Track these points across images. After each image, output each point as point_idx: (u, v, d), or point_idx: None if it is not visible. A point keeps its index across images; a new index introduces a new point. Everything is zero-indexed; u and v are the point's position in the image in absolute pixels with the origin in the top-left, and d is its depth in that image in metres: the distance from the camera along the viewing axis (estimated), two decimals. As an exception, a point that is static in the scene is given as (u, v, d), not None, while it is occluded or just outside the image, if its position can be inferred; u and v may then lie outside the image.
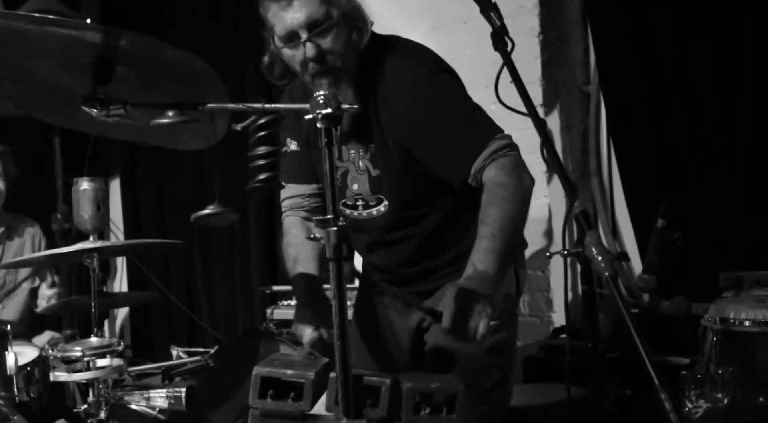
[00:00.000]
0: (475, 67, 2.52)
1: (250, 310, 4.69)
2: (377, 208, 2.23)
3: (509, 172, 2.00)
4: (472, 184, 2.05)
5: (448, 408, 1.67)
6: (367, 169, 2.20)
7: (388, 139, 2.13)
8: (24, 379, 2.98)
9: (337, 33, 2.03)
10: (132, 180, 5.32)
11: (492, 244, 1.90)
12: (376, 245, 2.31)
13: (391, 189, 2.20)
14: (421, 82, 2.09)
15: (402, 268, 2.31)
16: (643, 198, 3.50)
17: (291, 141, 2.30)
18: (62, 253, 3.05)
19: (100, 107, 1.79)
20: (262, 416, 1.72)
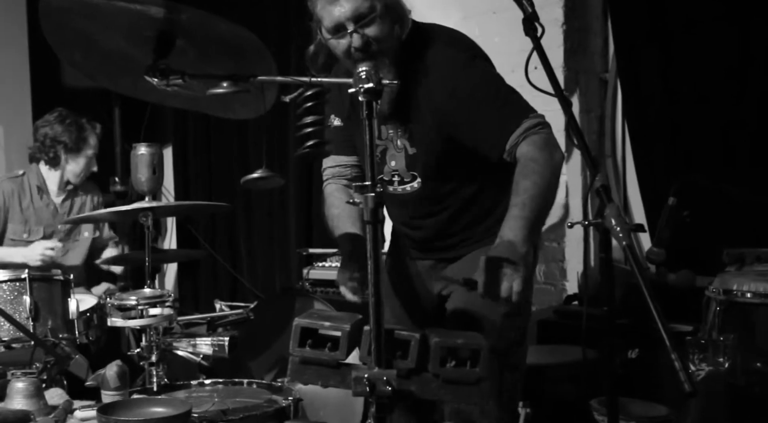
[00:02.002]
0: (503, 53, 2.49)
1: (287, 269, 4.72)
2: (411, 185, 2.23)
3: (541, 147, 2.00)
4: (507, 158, 2.05)
5: (472, 362, 1.67)
6: (404, 148, 2.19)
7: (426, 120, 2.13)
8: (84, 324, 3.04)
9: (380, 23, 2.02)
10: (183, 147, 5.34)
11: (522, 213, 1.91)
12: (410, 217, 2.31)
13: (425, 166, 2.19)
14: (460, 65, 2.09)
15: (433, 238, 2.31)
16: (654, 177, 3.47)
17: (335, 117, 2.30)
18: (121, 211, 3.09)
19: (160, 77, 1.81)
20: (300, 363, 1.73)
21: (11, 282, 2.87)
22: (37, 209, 3.74)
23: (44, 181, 3.77)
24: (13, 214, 3.69)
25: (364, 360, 1.68)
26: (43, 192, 3.76)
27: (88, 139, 3.77)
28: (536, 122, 2.04)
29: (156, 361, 2.73)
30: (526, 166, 1.98)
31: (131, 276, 4.25)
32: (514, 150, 2.03)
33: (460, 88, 2.07)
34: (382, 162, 2.23)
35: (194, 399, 2.53)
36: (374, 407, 1.60)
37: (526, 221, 1.90)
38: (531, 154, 1.99)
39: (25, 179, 3.76)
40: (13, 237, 3.67)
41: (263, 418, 2.32)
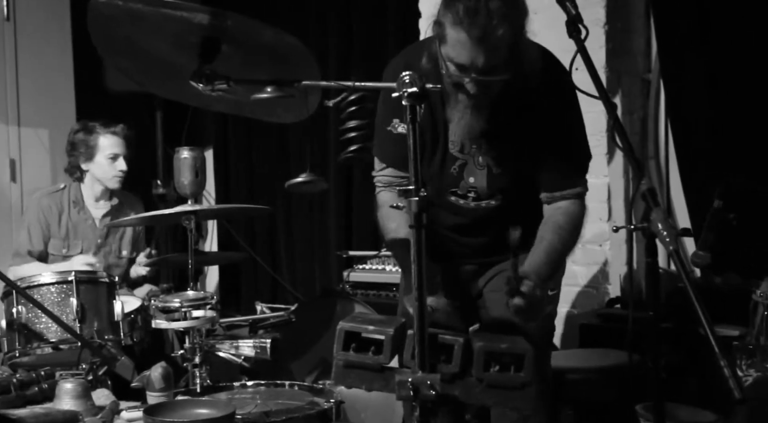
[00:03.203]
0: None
1: (327, 272, 4.73)
2: (488, 202, 2.24)
3: (577, 219, 2.21)
4: (543, 199, 2.21)
5: (516, 366, 1.67)
6: (487, 166, 2.18)
7: (516, 142, 2.14)
8: (128, 325, 3.07)
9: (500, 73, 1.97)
10: (224, 150, 5.37)
11: (546, 259, 2.12)
12: (467, 228, 2.31)
13: (509, 188, 2.21)
14: (566, 94, 2.13)
15: (485, 245, 2.32)
16: (698, 179, 3.42)
17: (399, 123, 2.18)
18: (164, 214, 3.13)
19: (206, 82, 1.83)
20: (344, 367, 1.74)
21: (58, 284, 2.92)
22: (75, 224, 3.75)
23: (81, 195, 3.81)
24: (53, 230, 3.71)
25: (408, 364, 1.69)
26: (79, 206, 3.79)
27: (98, 140, 3.75)
28: (586, 189, 2.24)
29: (199, 363, 2.77)
30: (561, 224, 2.17)
31: (173, 277, 4.31)
32: (558, 200, 2.20)
33: (557, 118, 2.13)
34: (459, 176, 2.21)
35: (237, 400, 2.55)
36: (418, 411, 1.61)
37: (548, 267, 2.10)
38: (570, 218, 2.19)
39: (64, 193, 3.80)
40: (53, 252, 3.71)
41: (306, 420, 2.34)
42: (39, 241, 3.69)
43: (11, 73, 5.01)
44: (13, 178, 5.04)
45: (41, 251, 3.70)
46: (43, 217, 3.71)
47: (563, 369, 2.78)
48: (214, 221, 5.33)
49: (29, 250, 3.68)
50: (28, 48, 5.06)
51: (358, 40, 4.51)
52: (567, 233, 2.17)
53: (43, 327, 2.84)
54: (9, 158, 5.03)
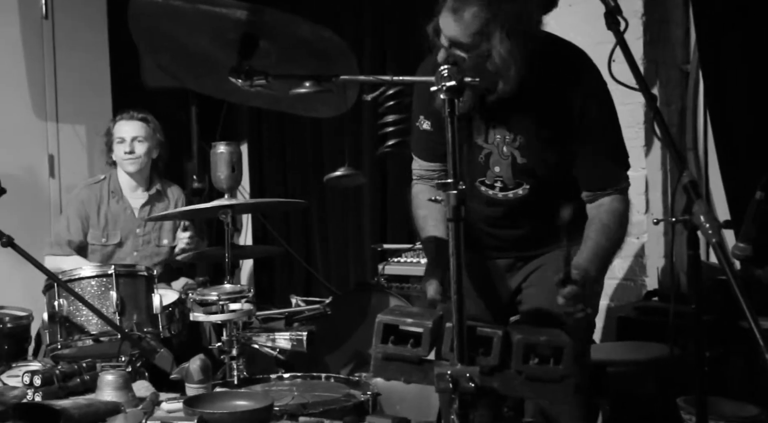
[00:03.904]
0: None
1: (361, 265, 4.74)
2: (515, 191, 2.25)
3: (622, 215, 2.20)
4: (585, 198, 2.21)
5: (555, 359, 1.67)
6: (512, 155, 2.20)
7: (543, 134, 2.15)
8: (166, 318, 3.11)
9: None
10: (258, 145, 5.40)
11: (596, 255, 2.13)
12: (500, 220, 2.32)
13: (535, 177, 2.21)
14: (598, 92, 2.13)
15: (520, 239, 2.34)
16: (738, 171, 3.38)
17: (424, 120, 2.28)
18: (201, 208, 3.17)
19: (244, 78, 1.85)
20: (383, 359, 1.75)
21: (98, 278, 2.97)
22: (113, 214, 3.81)
23: (119, 185, 3.87)
24: (92, 220, 3.78)
25: (447, 356, 1.70)
26: (118, 196, 3.85)
27: (113, 128, 3.84)
28: (628, 184, 2.24)
29: (236, 355, 2.80)
30: (606, 221, 2.17)
31: (208, 271, 4.36)
32: (600, 197, 2.19)
33: (591, 116, 2.12)
34: (485, 166, 2.23)
35: (274, 393, 2.58)
36: (457, 403, 1.62)
37: (596, 265, 2.11)
38: (615, 215, 2.18)
39: (103, 184, 3.86)
40: (93, 242, 3.77)
41: (343, 412, 2.35)
42: (78, 232, 3.76)
43: (50, 70, 5.09)
44: (51, 174, 5.12)
45: (80, 241, 3.76)
46: (83, 209, 3.77)
47: (601, 362, 2.78)
48: (248, 215, 5.37)
49: (68, 240, 3.75)
50: (65, 45, 5.14)
51: (391, 35, 4.52)
52: (613, 231, 2.17)
53: (84, 319, 2.89)
54: (48, 154, 5.11)
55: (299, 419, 2.19)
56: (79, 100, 5.18)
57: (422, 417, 2.77)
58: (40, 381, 2.38)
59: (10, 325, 3.19)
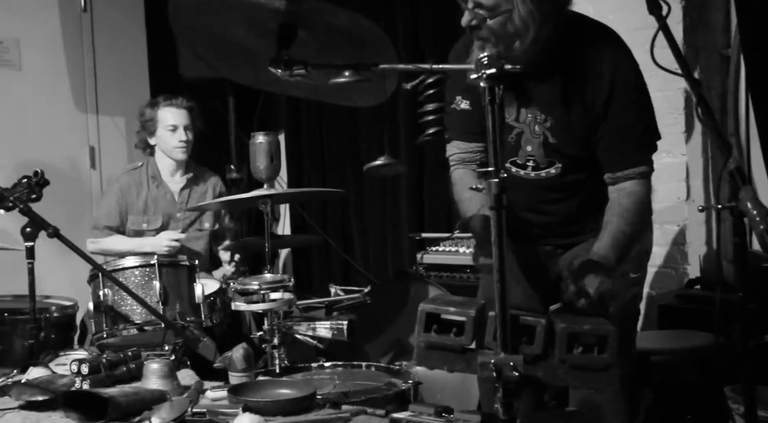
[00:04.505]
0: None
1: (399, 254, 4.74)
2: (547, 170, 2.23)
3: (643, 200, 2.17)
4: (607, 179, 2.17)
5: (599, 348, 1.66)
6: (543, 134, 2.19)
7: (573, 113, 2.13)
8: (208, 307, 3.14)
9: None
10: (295, 134, 5.42)
11: (613, 241, 2.10)
12: (536, 202, 2.31)
13: (564, 156, 2.20)
14: (627, 71, 2.11)
15: (557, 224, 2.32)
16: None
17: (462, 100, 2.27)
18: (241, 198, 3.20)
19: (284, 68, 1.85)
20: (426, 348, 1.75)
21: (142, 268, 3.01)
22: (154, 199, 3.87)
23: (158, 170, 3.92)
24: (131, 206, 3.84)
25: (490, 345, 1.69)
26: (158, 181, 3.90)
27: (158, 113, 3.86)
28: (651, 169, 2.19)
29: (278, 344, 2.82)
30: (627, 205, 2.14)
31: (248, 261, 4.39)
32: (621, 181, 2.16)
33: (618, 95, 2.09)
34: (517, 146, 2.22)
35: (315, 381, 2.60)
36: (501, 392, 1.61)
37: (615, 251, 2.08)
38: (636, 198, 2.15)
39: (142, 170, 3.91)
40: (133, 227, 3.83)
41: (384, 400, 2.36)
42: (116, 218, 3.82)
43: (89, 63, 5.16)
44: (92, 165, 5.20)
45: (118, 227, 3.82)
46: (122, 195, 3.83)
47: (643, 350, 2.75)
48: (286, 205, 5.39)
49: (106, 225, 3.81)
50: (104, 38, 5.21)
51: (425, 20, 4.50)
52: (634, 215, 2.14)
53: (128, 309, 2.93)
54: (89, 146, 5.19)
55: (341, 407, 2.20)
56: (118, 91, 5.25)
57: (462, 406, 2.78)
58: (87, 369, 2.42)
59: (56, 314, 3.26)
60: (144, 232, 3.82)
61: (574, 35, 2.10)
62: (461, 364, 1.73)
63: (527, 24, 1.98)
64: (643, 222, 2.20)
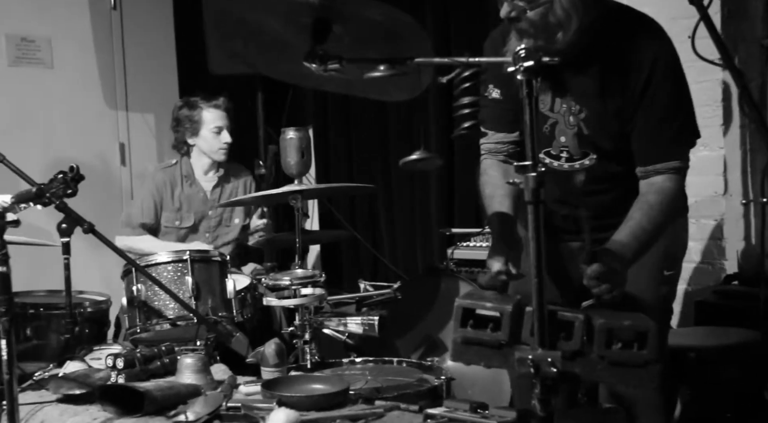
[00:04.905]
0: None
1: (428, 249, 4.74)
2: (581, 162, 2.21)
3: (672, 197, 2.13)
4: (638, 173, 2.14)
5: (639, 344, 1.64)
6: (578, 125, 2.16)
7: (609, 106, 2.11)
8: (239, 303, 3.14)
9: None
10: (323, 130, 5.43)
11: (636, 238, 2.06)
12: (569, 195, 2.28)
13: (598, 147, 2.18)
14: (666, 60, 2.07)
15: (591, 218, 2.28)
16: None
17: (494, 88, 2.26)
18: (272, 194, 3.20)
19: (319, 62, 1.85)
20: (462, 343, 1.75)
21: (174, 263, 3.02)
22: (187, 197, 3.90)
23: (192, 168, 3.94)
24: (166, 203, 3.87)
25: (527, 341, 1.69)
26: (192, 180, 3.92)
27: (202, 114, 3.88)
28: (687, 164, 2.14)
29: (309, 340, 2.83)
30: (655, 202, 2.09)
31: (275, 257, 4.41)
32: (651, 175, 2.11)
33: (656, 85, 2.06)
34: (551, 136, 2.21)
35: (347, 377, 2.60)
36: (538, 388, 1.60)
37: (632, 247, 2.04)
38: (667, 194, 2.10)
39: (176, 168, 3.94)
40: (167, 224, 3.86)
41: (417, 396, 2.36)
42: (150, 215, 3.85)
43: (119, 60, 5.21)
44: (122, 162, 5.25)
45: (152, 224, 3.85)
46: (156, 192, 3.86)
47: (681, 347, 2.72)
48: (314, 200, 5.41)
49: (141, 223, 3.84)
50: (133, 35, 5.25)
51: (456, 15, 4.49)
52: (658, 213, 2.09)
53: (161, 304, 2.95)
54: (119, 142, 5.24)
55: (375, 403, 2.20)
56: (148, 88, 5.30)
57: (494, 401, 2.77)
58: (122, 363, 2.44)
59: (90, 309, 3.29)
60: (176, 230, 3.85)
61: (613, 25, 2.08)
62: (498, 359, 1.73)
63: (570, 14, 1.96)
64: (668, 221, 2.15)
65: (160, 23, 5.36)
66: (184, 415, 2.06)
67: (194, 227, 3.90)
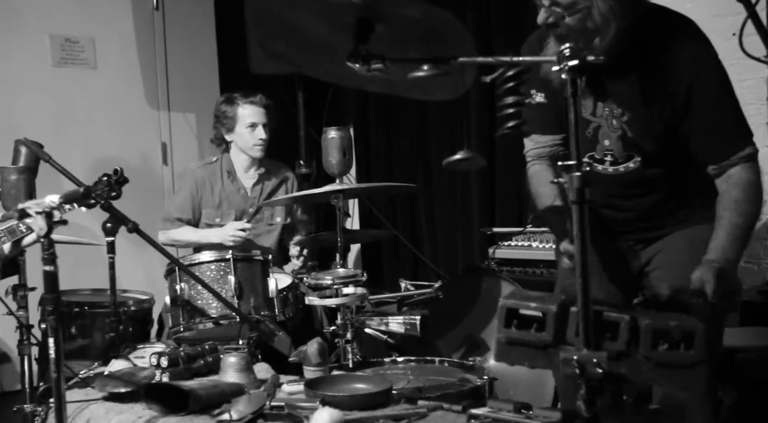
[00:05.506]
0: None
1: (469, 249, 4.73)
2: (626, 165, 2.20)
3: (754, 185, 2.11)
4: (712, 171, 2.11)
5: (686, 345, 1.63)
6: (621, 129, 2.16)
7: (651, 108, 2.10)
8: (281, 302, 3.17)
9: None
10: (364, 129, 5.44)
11: (733, 233, 2.05)
12: (614, 197, 2.28)
13: (642, 150, 2.17)
14: (707, 61, 2.06)
15: (636, 219, 2.29)
16: None
17: (537, 93, 2.27)
18: (314, 193, 3.22)
19: (362, 62, 1.86)
20: (506, 343, 1.74)
21: (217, 262, 3.06)
22: (228, 194, 3.93)
23: (233, 166, 3.98)
24: (206, 200, 3.91)
25: (572, 341, 1.68)
26: (232, 177, 3.96)
27: (237, 111, 3.89)
28: (755, 150, 2.12)
29: (351, 339, 2.84)
30: (736, 201, 2.08)
31: (317, 256, 4.43)
32: (728, 169, 2.09)
33: (702, 85, 2.05)
34: (594, 140, 2.20)
35: (389, 376, 2.61)
36: (584, 389, 1.60)
37: (739, 241, 2.05)
38: (747, 181, 2.09)
39: (217, 165, 3.98)
40: (207, 221, 3.90)
41: (459, 396, 2.36)
42: (189, 211, 3.89)
43: (161, 60, 5.29)
44: (164, 161, 5.33)
45: (189, 219, 3.89)
46: (196, 189, 3.90)
47: (726, 348, 2.68)
48: (354, 200, 5.43)
49: (177, 218, 3.88)
50: (175, 36, 5.33)
51: (497, 15, 4.47)
52: (746, 205, 2.08)
53: (204, 303, 2.99)
54: (161, 142, 5.31)
55: (417, 403, 2.21)
56: (189, 88, 5.37)
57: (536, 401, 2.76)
58: (167, 362, 2.48)
59: (134, 308, 3.35)
60: (216, 226, 3.89)
61: (650, 28, 2.07)
62: (542, 360, 1.71)
63: (608, 19, 1.96)
64: (757, 209, 2.13)
65: (202, 23, 5.42)
66: (228, 414, 2.09)
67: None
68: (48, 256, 1.90)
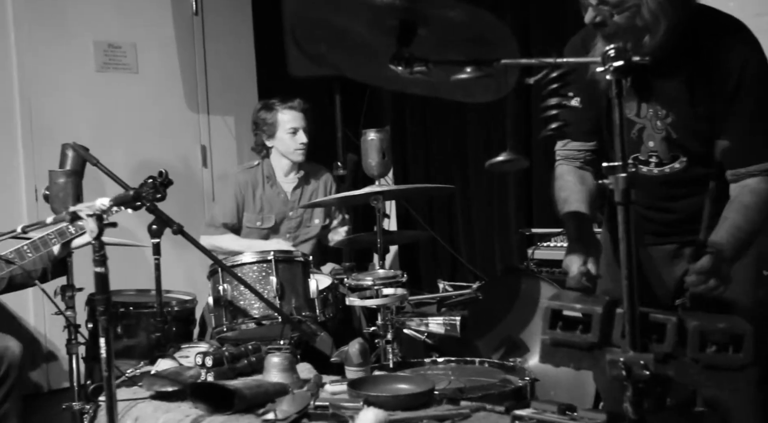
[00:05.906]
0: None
1: (507, 250, 4.71)
2: (671, 166, 2.18)
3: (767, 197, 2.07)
4: (730, 177, 2.10)
5: (735, 347, 1.61)
6: (665, 129, 2.14)
7: (697, 111, 2.08)
8: (321, 302, 3.19)
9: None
10: (401, 130, 5.44)
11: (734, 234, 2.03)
12: (658, 199, 2.25)
13: (687, 151, 2.14)
14: (756, 67, 2.03)
15: (681, 222, 2.26)
16: None
17: (573, 97, 2.25)
18: (353, 195, 3.24)
19: (405, 65, 1.86)
20: (551, 345, 1.74)
21: (259, 263, 3.08)
22: (269, 198, 3.97)
23: (273, 170, 4.01)
24: (248, 204, 3.96)
25: (618, 343, 1.66)
26: (273, 181, 4.00)
27: (278, 116, 3.93)
28: None
29: (391, 339, 2.85)
30: (746, 206, 2.05)
31: (353, 257, 4.45)
32: (744, 177, 2.07)
33: (744, 91, 2.02)
34: (639, 141, 2.18)
35: (430, 377, 2.61)
36: (630, 391, 1.58)
37: (732, 246, 2.01)
38: (754, 198, 2.06)
39: (258, 170, 4.02)
40: (248, 225, 3.95)
41: (501, 397, 2.35)
42: (233, 215, 3.93)
43: (200, 64, 5.35)
44: (204, 164, 5.39)
45: (234, 224, 3.94)
46: (239, 192, 3.95)
47: None
48: (392, 201, 5.43)
49: (224, 223, 3.93)
50: (214, 40, 5.38)
51: (536, 18, 4.45)
52: (755, 213, 2.05)
53: (246, 303, 3.01)
54: (200, 145, 5.37)
55: (460, 403, 2.21)
56: (228, 92, 5.43)
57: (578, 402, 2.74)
58: (211, 362, 2.50)
59: (177, 308, 3.39)
60: (258, 230, 3.93)
61: (700, 27, 2.04)
62: (588, 361, 1.70)
63: (658, 17, 1.93)
64: (764, 221, 2.09)
65: (240, 28, 5.47)
66: (273, 413, 2.10)
67: (275, 228, 3.97)
68: (99, 258, 1.93)
